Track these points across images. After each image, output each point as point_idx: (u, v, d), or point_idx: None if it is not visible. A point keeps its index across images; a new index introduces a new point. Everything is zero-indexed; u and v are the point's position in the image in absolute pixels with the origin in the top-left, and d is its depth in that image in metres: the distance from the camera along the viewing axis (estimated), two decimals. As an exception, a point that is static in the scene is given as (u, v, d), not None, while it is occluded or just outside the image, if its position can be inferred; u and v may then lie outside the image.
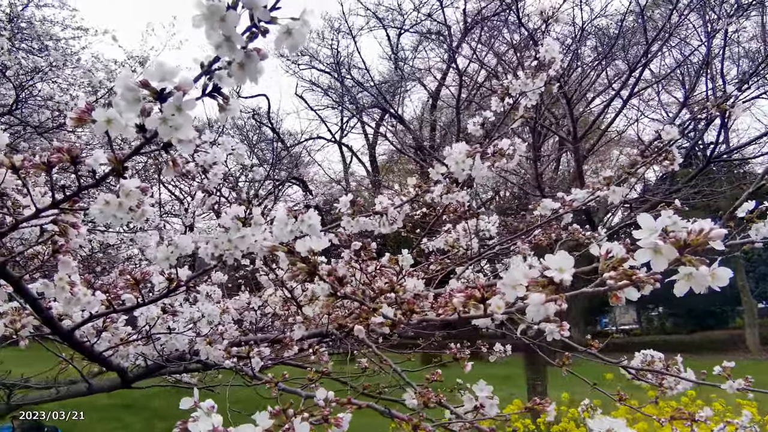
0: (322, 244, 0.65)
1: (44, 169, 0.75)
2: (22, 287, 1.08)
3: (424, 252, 1.59)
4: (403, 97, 9.56)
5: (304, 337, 1.36)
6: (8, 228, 0.88)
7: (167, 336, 1.46)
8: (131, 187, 0.77)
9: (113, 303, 1.16)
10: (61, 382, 2.10)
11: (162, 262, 1.07)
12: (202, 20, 0.50)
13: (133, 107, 0.58)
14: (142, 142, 0.67)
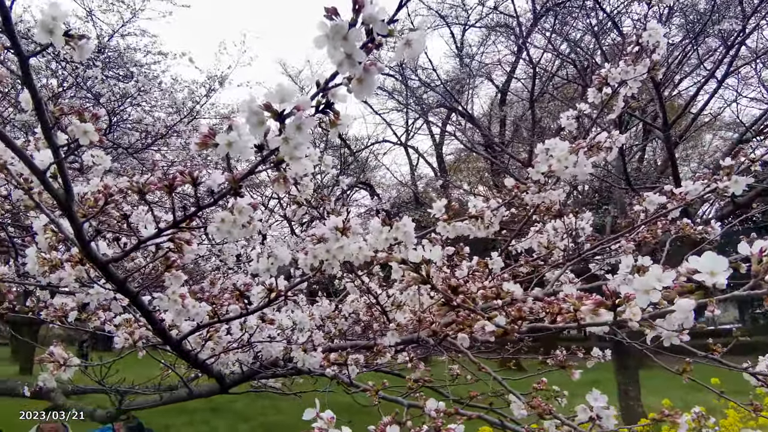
0: (437, 254, 0.66)
1: (167, 191, 0.81)
2: (139, 301, 1.19)
3: (511, 254, 1.55)
4: (471, 94, 9.42)
5: (396, 344, 1.37)
6: (132, 247, 0.97)
7: (263, 344, 1.54)
8: (244, 205, 0.82)
9: (218, 314, 1.24)
10: (164, 387, 2.28)
11: (263, 273, 1.13)
12: (324, 40, 0.52)
13: (257, 130, 0.61)
14: (259, 161, 0.71)
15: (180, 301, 1.16)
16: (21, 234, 2.37)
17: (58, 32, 0.70)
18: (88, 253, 1.00)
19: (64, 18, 0.69)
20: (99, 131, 0.82)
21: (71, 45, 0.71)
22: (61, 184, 0.90)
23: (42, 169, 0.87)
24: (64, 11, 0.69)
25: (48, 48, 0.71)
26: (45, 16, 0.69)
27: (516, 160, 6.25)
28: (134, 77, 3.58)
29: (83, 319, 1.48)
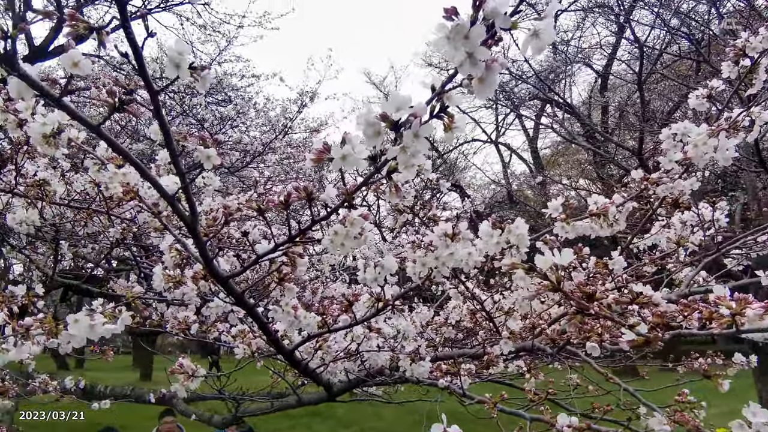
0: (567, 258, 0.62)
1: (284, 208, 0.85)
2: (255, 313, 1.26)
3: (633, 252, 1.43)
4: (567, 82, 8.95)
5: (510, 352, 1.32)
6: (251, 262, 1.03)
7: (369, 353, 1.57)
8: (356, 216, 0.83)
9: (328, 324, 1.29)
10: (274, 394, 2.42)
11: (371, 282, 1.15)
12: (444, 42, 0.51)
13: (373, 141, 0.62)
14: (373, 171, 0.72)
15: (293, 313, 1.22)
16: (143, 253, 2.65)
17: (184, 66, 0.76)
18: (211, 270, 1.08)
19: (188, 52, 0.76)
20: (221, 156, 0.88)
21: (195, 76, 0.77)
22: (186, 207, 0.99)
23: (171, 194, 0.95)
24: (188, 46, 0.75)
25: (175, 81, 0.78)
26: (172, 52, 0.76)
27: (624, 149, 5.81)
28: (233, 101, 3.90)
29: (205, 331, 1.61)
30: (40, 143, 1.15)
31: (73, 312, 1.09)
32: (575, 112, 7.63)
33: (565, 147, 10.78)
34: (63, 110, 0.76)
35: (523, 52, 0.51)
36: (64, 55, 0.68)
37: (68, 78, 0.74)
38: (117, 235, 1.71)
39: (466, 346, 2.01)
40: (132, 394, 3.26)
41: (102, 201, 1.89)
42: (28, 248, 2.71)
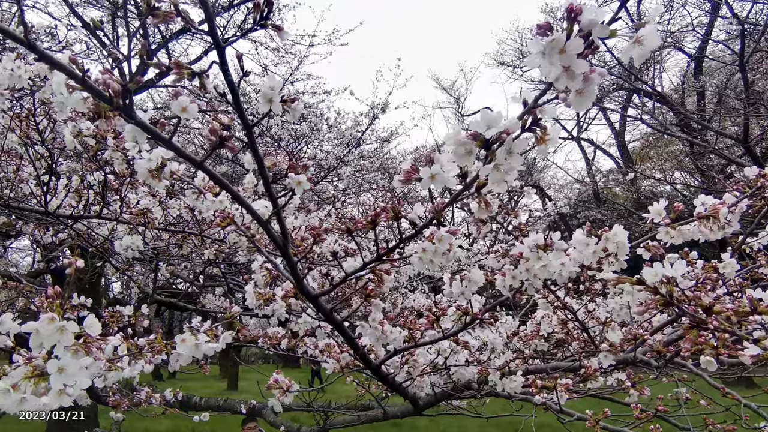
0: (681, 269, 0.59)
1: (371, 227, 0.88)
2: (343, 328, 1.31)
3: (745, 252, 1.31)
4: (656, 69, 8.42)
5: (610, 365, 1.26)
6: (340, 281, 1.07)
7: (456, 366, 1.57)
8: (443, 233, 0.85)
9: (415, 338, 1.30)
10: (359, 407, 2.47)
11: (458, 296, 1.15)
12: (538, 58, 0.51)
13: (464, 160, 0.63)
14: (461, 189, 0.73)
15: (380, 328, 1.25)
16: (231, 271, 2.83)
17: (276, 100, 0.82)
18: (302, 288, 1.14)
19: (280, 87, 0.81)
20: (310, 180, 0.93)
21: (286, 109, 0.83)
22: (278, 229, 1.05)
23: (265, 219, 1.02)
24: (280, 81, 0.81)
25: (268, 115, 0.84)
26: (265, 88, 0.82)
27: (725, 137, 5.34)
28: (306, 118, 4.10)
29: (294, 345, 1.69)
30: (146, 177, 1.28)
31: (165, 325, 1.20)
32: (667, 100, 7.12)
33: (657, 138, 10.09)
34: (171, 149, 0.84)
35: (625, 59, 0.50)
36: (175, 102, 0.76)
37: (177, 120, 0.82)
38: (210, 255, 1.84)
39: (555, 358, 1.94)
40: (225, 405, 3.47)
41: (195, 224, 2.05)
42: (130, 269, 2.99)
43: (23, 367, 0.82)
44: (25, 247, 7.73)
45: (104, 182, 1.95)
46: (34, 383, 0.79)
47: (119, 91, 0.73)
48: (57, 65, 0.71)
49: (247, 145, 0.90)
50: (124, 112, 0.76)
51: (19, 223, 3.45)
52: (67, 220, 2.28)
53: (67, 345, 0.82)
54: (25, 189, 2.43)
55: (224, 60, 0.77)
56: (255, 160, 0.92)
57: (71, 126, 1.34)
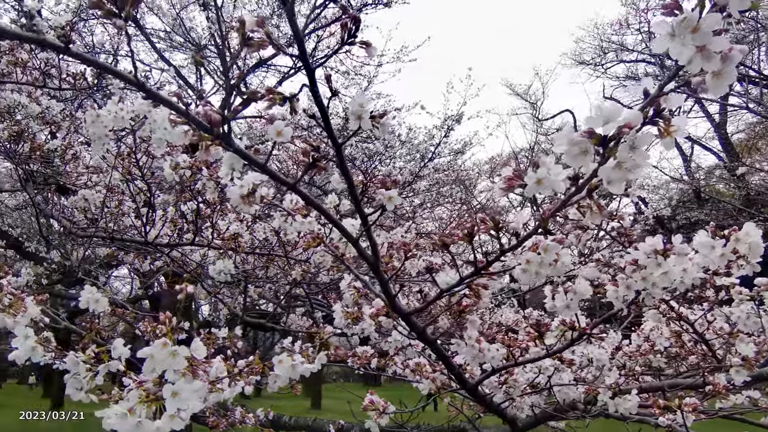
0: None
1: (468, 240, 0.85)
2: (437, 347, 1.27)
3: None
4: (759, 52, 7.71)
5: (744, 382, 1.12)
6: (435, 297, 1.05)
7: (559, 386, 1.47)
8: (550, 243, 0.80)
9: (515, 356, 1.24)
10: (450, 428, 2.41)
11: (562, 311, 1.08)
12: (666, 40, 0.46)
13: (579, 160, 0.59)
14: (572, 192, 0.68)
15: (477, 346, 1.20)
16: (313, 291, 2.90)
17: (365, 116, 0.82)
18: (394, 306, 1.13)
19: (369, 103, 0.81)
20: (400, 195, 0.92)
21: (375, 124, 0.83)
22: (369, 246, 1.05)
23: (355, 237, 1.02)
24: (368, 98, 0.81)
25: (357, 133, 0.84)
26: (354, 105, 0.82)
27: None
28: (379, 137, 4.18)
29: (384, 365, 1.68)
30: (238, 203, 1.34)
31: (251, 345, 1.23)
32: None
33: (765, 128, 9.16)
34: (266, 174, 0.87)
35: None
36: (271, 127, 0.78)
37: (273, 145, 0.84)
38: (297, 276, 1.89)
39: (668, 375, 1.77)
40: (314, 425, 3.52)
41: (280, 246, 2.13)
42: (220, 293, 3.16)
43: (136, 391, 0.87)
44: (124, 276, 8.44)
45: (197, 211, 2.08)
46: (147, 407, 0.83)
47: (218, 121, 0.77)
48: (164, 101, 0.76)
49: (338, 164, 0.91)
50: (224, 141, 0.79)
51: (120, 253, 3.78)
52: (164, 249, 2.45)
53: (179, 369, 0.86)
54: (126, 221, 2.66)
55: (314, 81, 0.78)
56: (345, 179, 0.93)
57: (170, 160, 1.44)
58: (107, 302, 1.39)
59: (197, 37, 5.50)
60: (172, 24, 5.48)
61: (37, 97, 2.56)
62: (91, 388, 1.17)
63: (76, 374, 1.14)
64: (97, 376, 1.16)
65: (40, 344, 1.08)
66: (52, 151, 2.36)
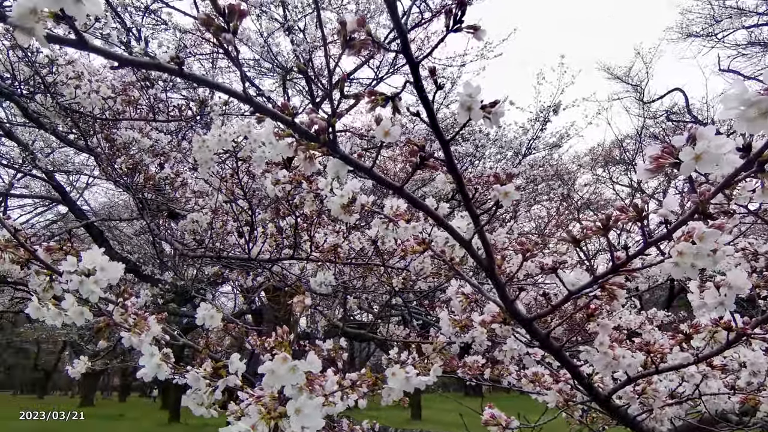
0: None
1: (603, 233, 0.76)
2: (563, 355, 1.17)
3: None
4: None
5: None
6: (561, 300, 0.96)
7: (708, 395, 1.29)
8: (707, 230, 0.68)
9: (655, 363, 1.11)
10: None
11: (712, 308, 0.94)
12: None
13: (757, 125, 0.49)
14: (740, 167, 0.58)
15: (610, 353, 1.08)
16: (410, 300, 2.88)
17: (476, 107, 0.77)
18: (513, 311, 1.05)
19: (479, 92, 0.76)
20: (518, 190, 0.86)
21: (486, 115, 0.77)
22: (482, 249, 0.99)
23: (468, 239, 0.97)
24: (478, 86, 0.76)
25: (465, 126, 0.79)
26: (462, 96, 0.77)
27: None
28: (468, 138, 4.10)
29: (498, 375, 1.59)
30: (339, 213, 1.34)
31: (348, 355, 1.20)
32: None
33: None
34: (374, 178, 0.84)
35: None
36: (378, 127, 0.75)
37: (379, 147, 0.82)
38: (399, 285, 1.87)
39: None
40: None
41: (378, 255, 2.12)
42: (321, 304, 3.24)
43: (254, 407, 0.87)
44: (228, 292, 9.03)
45: (295, 225, 2.14)
46: (267, 423, 0.83)
47: (324, 127, 0.75)
48: (271, 113, 0.77)
49: (447, 162, 0.86)
50: (330, 147, 0.78)
51: (225, 271, 4.02)
52: (266, 264, 2.56)
53: (299, 384, 0.85)
54: (231, 240, 2.82)
55: (418, 75, 0.74)
56: (454, 177, 0.87)
57: (270, 176, 1.48)
58: (221, 317, 1.45)
59: (284, 61, 5.78)
60: (260, 51, 5.80)
61: (148, 132, 2.81)
62: (210, 402, 1.21)
63: (197, 390, 1.19)
64: (216, 391, 1.20)
65: (164, 361, 1.14)
66: (163, 179, 2.56)
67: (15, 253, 1.28)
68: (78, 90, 2.29)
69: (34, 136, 6.41)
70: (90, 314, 1.23)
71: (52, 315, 1.23)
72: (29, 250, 1.24)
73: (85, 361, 2.18)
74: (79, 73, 2.39)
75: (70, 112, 2.33)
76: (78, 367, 2.13)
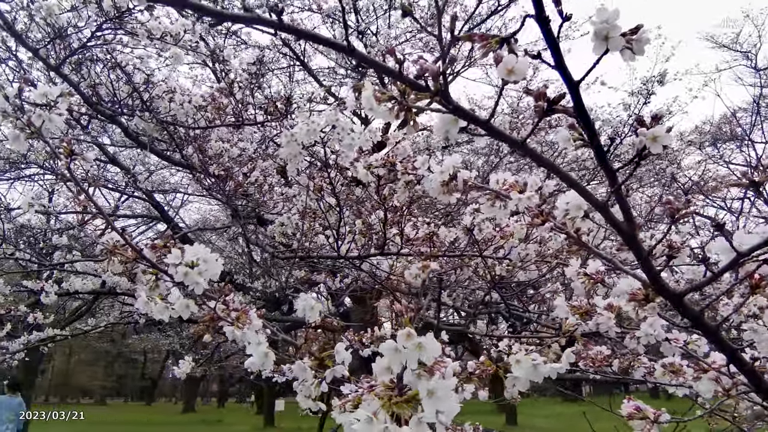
0: None
1: None
2: (720, 338, 1.00)
3: None
4: None
5: None
6: (725, 267, 0.80)
7: None
8: None
9: None
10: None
11: None
12: None
13: None
14: None
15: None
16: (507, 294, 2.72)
17: (614, 34, 0.65)
18: (660, 286, 0.90)
19: (617, 18, 0.64)
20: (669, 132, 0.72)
21: (629, 44, 0.65)
22: (620, 212, 0.85)
23: (603, 201, 0.84)
24: (615, 10, 0.64)
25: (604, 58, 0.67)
26: (597, 25, 0.66)
27: None
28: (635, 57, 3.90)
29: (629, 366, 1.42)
30: (438, 192, 1.25)
31: None
32: None
33: None
34: (492, 134, 0.74)
35: None
36: (500, 65, 0.65)
37: (500, 90, 0.72)
38: (503, 272, 1.74)
39: None
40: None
41: (474, 245, 2.01)
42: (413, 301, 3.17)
43: (370, 393, 0.80)
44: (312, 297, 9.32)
45: (384, 218, 2.08)
46: (390, 410, 0.75)
47: (436, 73, 0.67)
48: (375, 63, 0.70)
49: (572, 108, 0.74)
50: (443, 97, 0.69)
51: (313, 274, 4.08)
52: (355, 261, 2.53)
53: (428, 361, 0.76)
54: (319, 240, 2.83)
55: (541, 3, 0.64)
56: (585, 124, 0.75)
57: (362, 161, 1.43)
58: (319, 309, 1.41)
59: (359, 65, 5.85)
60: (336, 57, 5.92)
61: (236, 142, 2.91)
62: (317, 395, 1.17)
63: (304, 381, 1.15)
64: (322, 383, 1.15)
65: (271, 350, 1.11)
66: (252, 184, 2.62)
67: (123, 254, 1.31)
68: (171, 103, 2.41)
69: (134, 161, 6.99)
70: (195, 307, 1.23)
71: (159, 309, 1.25)
72: (136, 249, 1.27)
73: (189, 361, 2.26)
74: (172, 89, 2.52)
75: (166, 124, 2.46)
76: (183, 368, 2.22)
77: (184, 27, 2.08)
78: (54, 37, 2.43)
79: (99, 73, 2.54)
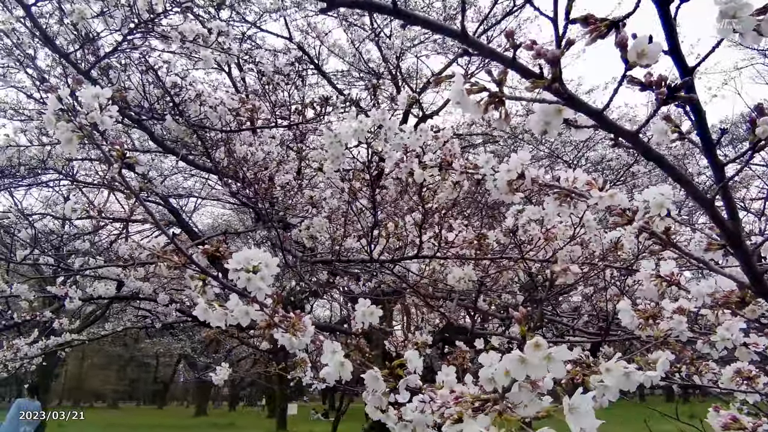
0: None
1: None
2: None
3: None
4: None
5: None
6: None
7: None
8: None
9: None
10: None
11: None
12: None
13: None
14: None
15: None
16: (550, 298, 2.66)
17: (744, 13, 0.60)
18: (763, 287, 0.84)
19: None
20: None
21: (757, 25, 0.60)
22: (726, 212, 0.80)
23: (710, 198, 0.78)
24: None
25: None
26: (722, 4, 0.60)
27: None
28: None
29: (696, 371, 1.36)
30: (504, 191, 1.20)
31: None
32: None
33: None
34: (603, 125, 0.69)
35: None
36: (630, 48, 0.60)
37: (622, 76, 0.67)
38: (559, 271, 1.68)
39: None
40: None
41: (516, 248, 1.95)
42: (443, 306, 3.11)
43: (456, 408, 0.74)
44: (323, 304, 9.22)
45: (422, 221, 2.03)
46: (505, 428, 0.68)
47: (557, 56, 0.62)
48: (487, 49, 0.65)
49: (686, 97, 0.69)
50: (560, 84, 0.64)
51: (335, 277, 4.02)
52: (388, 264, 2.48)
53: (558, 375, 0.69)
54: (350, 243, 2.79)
55: None
56: (697, 116, 0.70)
57: (414, 162, 1.38)
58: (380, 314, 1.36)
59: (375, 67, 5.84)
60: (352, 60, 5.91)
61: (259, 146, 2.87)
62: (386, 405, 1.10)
63: (374, 391, 1.10)
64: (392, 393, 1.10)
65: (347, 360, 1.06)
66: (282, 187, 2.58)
67: (170, 259, 1.27)
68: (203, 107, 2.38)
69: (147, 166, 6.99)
70: (255, 314, 1.18)
71: (217, 316, 1.20)
72: (186, 254, 1.22)
73: (226, 367, 2.21)
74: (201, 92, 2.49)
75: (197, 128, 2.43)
76: (221, 374, 2.17)
77: (218, 29, 2.05)
78: (84, 42, 2.41)
79: (129, 77, 2.52)
